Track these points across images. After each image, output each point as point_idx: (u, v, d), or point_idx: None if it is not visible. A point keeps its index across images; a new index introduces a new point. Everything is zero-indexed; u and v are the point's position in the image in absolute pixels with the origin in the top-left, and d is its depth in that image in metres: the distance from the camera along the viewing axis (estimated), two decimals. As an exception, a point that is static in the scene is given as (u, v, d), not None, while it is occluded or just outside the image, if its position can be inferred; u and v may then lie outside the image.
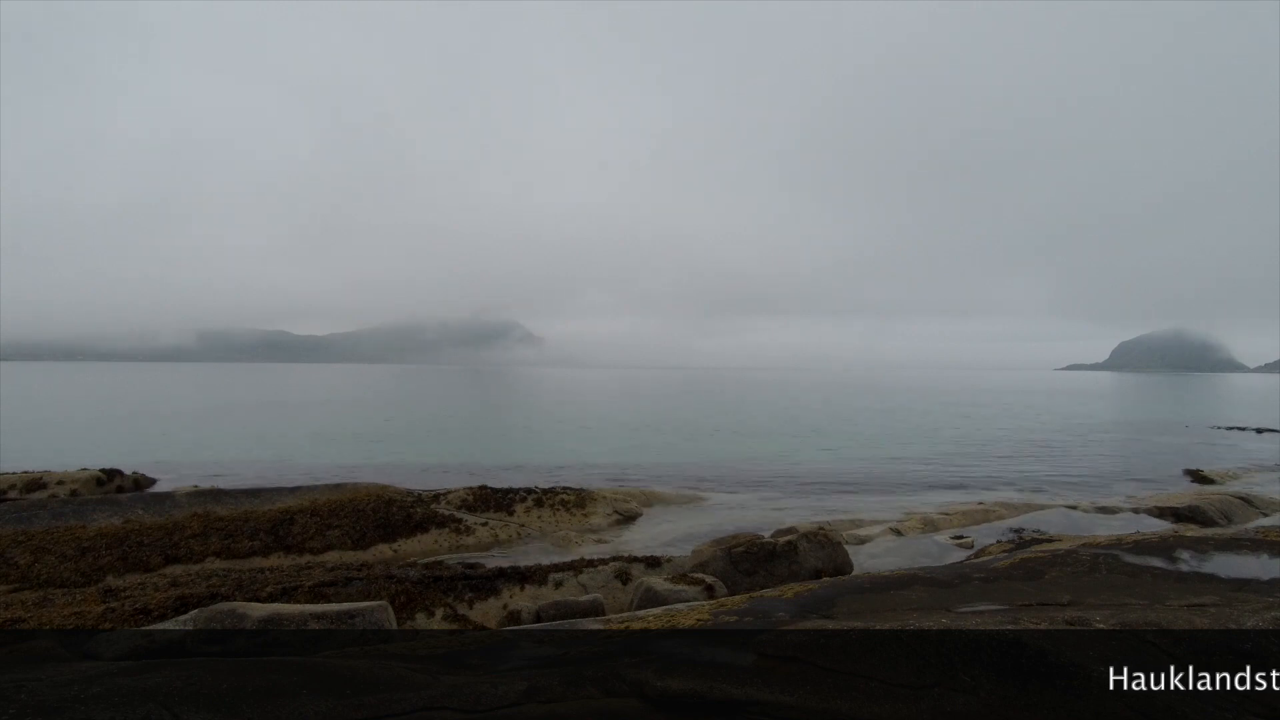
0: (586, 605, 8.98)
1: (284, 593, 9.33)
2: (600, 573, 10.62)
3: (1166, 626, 4.49)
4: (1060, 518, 16.94)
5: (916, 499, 20.36)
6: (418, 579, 10.11)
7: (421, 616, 8.95)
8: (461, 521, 15.31)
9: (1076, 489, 22.36)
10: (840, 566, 11.16)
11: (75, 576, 11.37)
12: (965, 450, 32.96)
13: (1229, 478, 23.92)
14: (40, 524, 14.04)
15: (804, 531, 11.97)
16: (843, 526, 15.59)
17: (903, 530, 15.46)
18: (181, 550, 12.72)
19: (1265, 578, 6.46)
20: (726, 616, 5.38)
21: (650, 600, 8.75)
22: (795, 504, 19.37)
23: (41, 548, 12.30)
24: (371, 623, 6.17)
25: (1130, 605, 5.32)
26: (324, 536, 13.75)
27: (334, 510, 14.91)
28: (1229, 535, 8.55)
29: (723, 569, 10.60)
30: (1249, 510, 16.97)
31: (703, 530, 15.70)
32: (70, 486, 18.01)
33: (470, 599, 9.60)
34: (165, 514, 14.99)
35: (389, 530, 14.38)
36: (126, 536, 13.04)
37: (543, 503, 16.81)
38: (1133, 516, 16.68)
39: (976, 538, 14.69)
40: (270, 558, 12.96)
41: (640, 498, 18.78)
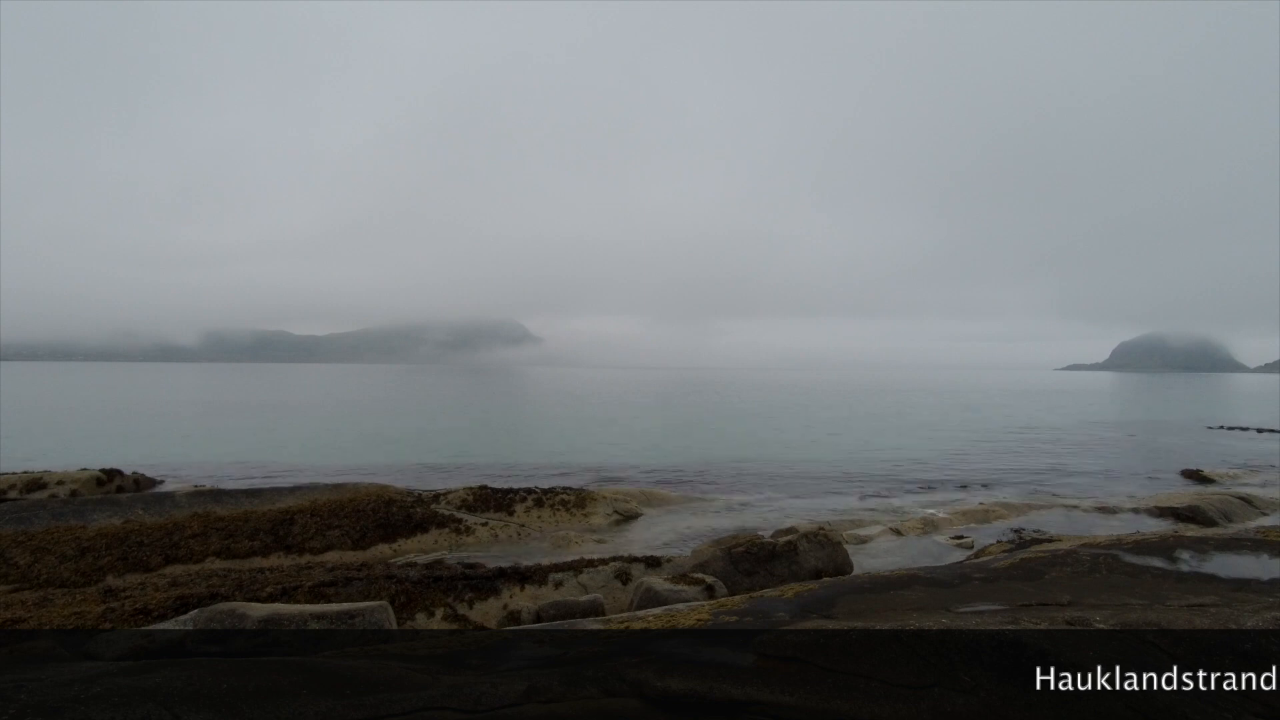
0: (586, 605, 8.98)
1: (284, 593, 9.33)
2: (600, 573, 10.62)
3: (1167, 626, 4.49)
4: (1060, 518, 16.96)
5: (916, 499, 20.37)
6: (418, 579, 10.10)
7: (421, 616, 8.95)
8: (461, 521, 15.30)
9: (1076, 489, 22.35)
10: (840, 566, 11.17)
11: (75, 576, 11.37)
12: (965, 450, 32.95)
13: (1229, 478, 23.92)
14: (40, 524, 14.03)
15: (804, 531, 11.97)
16: (843, 526, 15.60)
17: (903, 530, 15.47)
18: (181, 550, 12.72)
19: (1265, 578, 6.47)
20: (726, 616, 5.38)
21: (650, 600, 8.75)
22: (795, 504, 19.37)
23: (41, 548, 12.30)
24: (371, 623, 6.18)
25: (1130, 605, 5.32)
26: (324, 536, 13.75)
27: (334, 510, 14.91)
28: (1229, 535, 8.57)
29: (723, 569, 10.60)
30: (1249, 510, 16.99)
31: (703, 530, 15.71)
32: (70, 487, 18.01)
33: (470, 599, 9.60)
34: (165, 514, 14.99)
35: (389, 530, 14.39)
36: (126, 536, 13.03)
37: (543, 503, 16.80)
38: (1133, 516, 16.70)
39: (976, 538, 14.71)
40: (270, 558, 12.96)
41: (640, 498, 18.77)
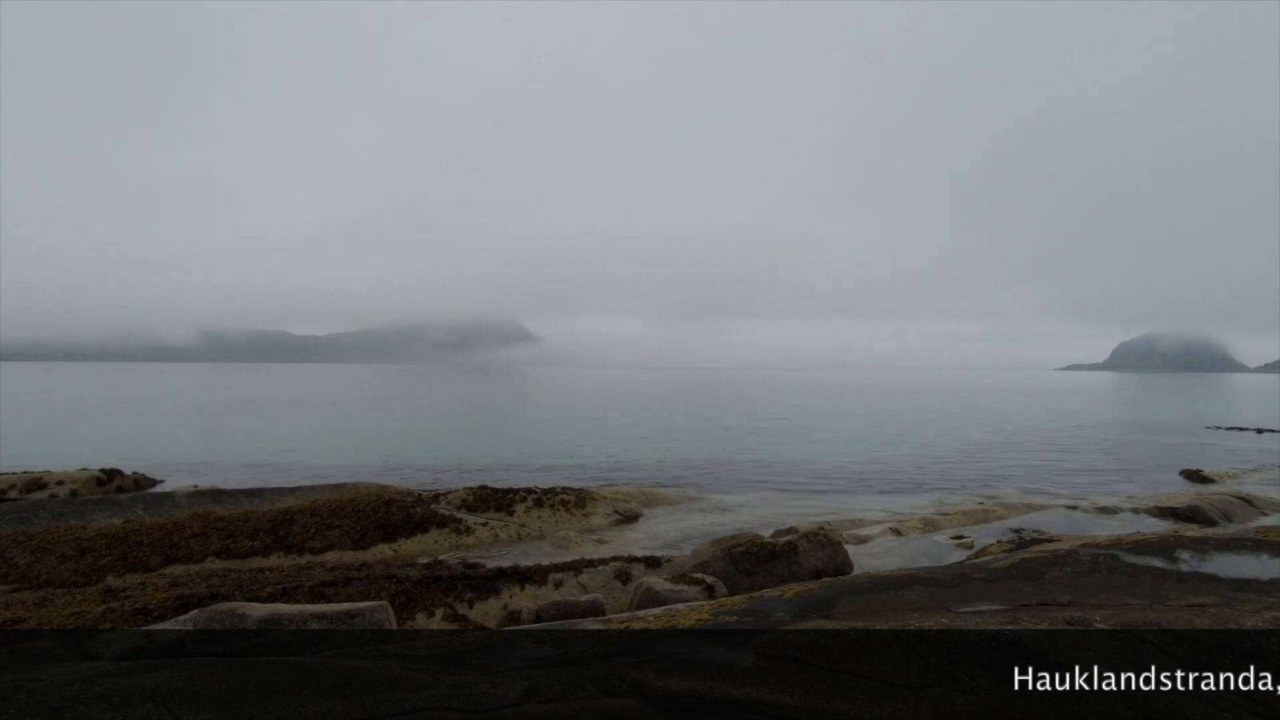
0: (586, 605, 8.98)
1: (284, 593, 9.33)
2: (600, 573, 10.62)
3: (1167, 626, 4.49)
4: (1060, 518, 16.96)
5: (916, 499, 20.35)
6: (418, 579, 10.10)
7: (421, 616, 8.95)
8: (461, 521, 15.30)
9: (1076, 489, 22.35)
10: (840, 566, 11.17)
11: (75, 576, 11.37)
12: (965, 450, 32.94)
13: (1229, 478, 23.91)
14: (40, 524, 14.03)
15: (804, 531, 11.97)
16: (843, 526, 15.59)
17: (903, 530, 15.47)
18: (181, 550, 12.72)
19: (1265, 578, 6.47)
20: (726, 616, 5.38)
21: (650, 600, 8.75)
22: (795, 504, 19.36)
23: (41, 548, 12.30)
24: (371, 623, 6.18)
25: (1130, 605, 5.32)
26: (324, 536, 13.75)
27: (334, 510, 14.90)
28: (1229, 535, 8.57)
29: (723, 569, 10.60)
30: (1249, 510, 16.98)
31: (703, 530, 15.70)
32: (70, 486, 18.01)
33: (470, 599, 9.60)
34: (165, 514, 14.99)
35: (389, 530, 14.38)
36: (126, 536, 13.03)
37: (543, 503, 16.80)
38: (1133, 517, 16.70)
39: (976, 538, 14.70)
40: (270, 558, 12.96)
41: (640, 498, 18.77)
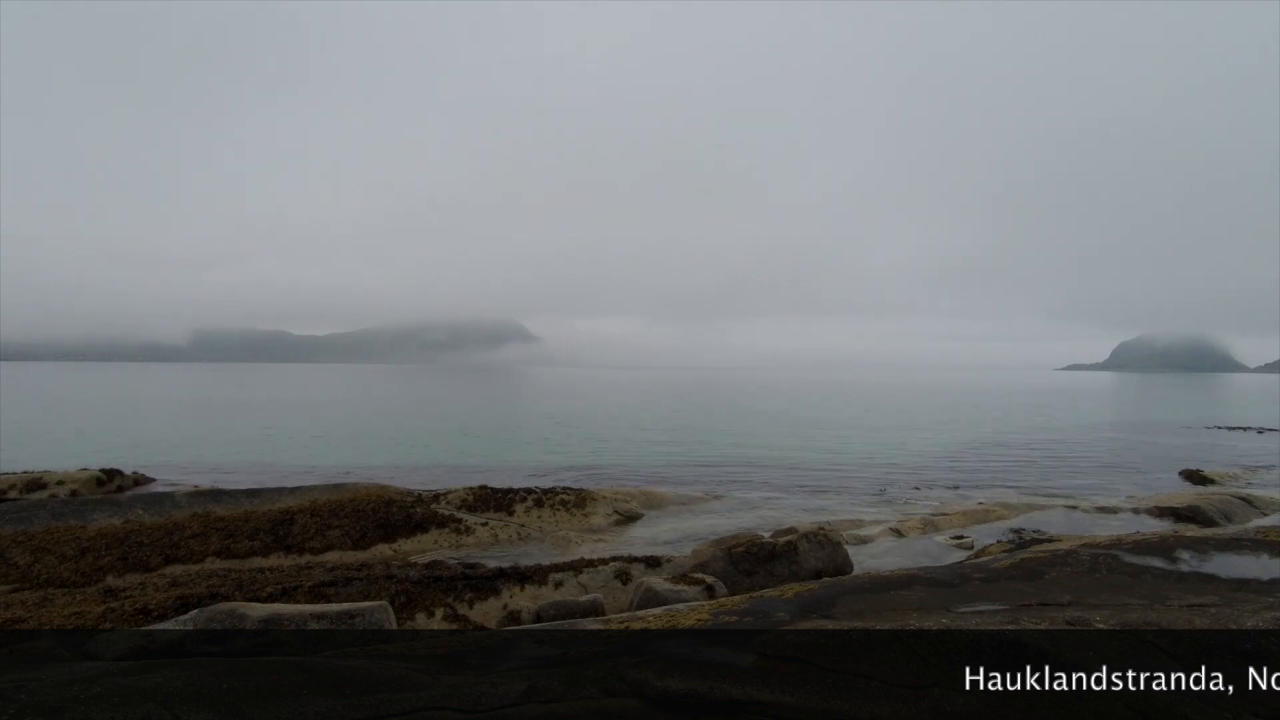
0: (586, 605, 8.97)
1: (284, 593, 9.32)
2: (600, 573, 10.61)
3: (1167, 626, 4.49)
4: (1060, 518, 16.94)
5: (916, 499, 20.36)
6: (418, 579, 10.10)
7: (421, 616, 8.95)
8: (461, 521, 15.30)
9: (1076, 489, 22.35)
10: (840, 566, 11.16)
11: (75, 576, 11.37)
12: (965, 450, 32.94)
13: (1229, 478, 23.90)
14: (40, 524, 14.03)
15: (804, 531, 11.97)
16: (843, 526, 15.59)
17: (903, 530, 15.46)
18: (181, 550, 12.72)
19: (1265, 578, 6.47)
20: (727, 616, 5.38)
21: (650, 600, 8.74)
22: (795, 504, 19.37)
23: (41, 548, 12.29)
24: (371, 623, 6.17)
25: (1130, 605, 5.32)
26: (324, 536, 13.75)
27: (334, 510, 14.90)
28: (1229, 535, 8.56)
29: (723, 569, 10.59)
30: (1249, 510, 16.97)
31: (703, 530, 15.70)
32: (70, 486, 18.00)
33: (470, 599, 9.60)
34: (165, 514, 14.98)
35: (389, 530, 14.38)
36: (126, 536, 13.03)
37: (543, 503, 16.80)
38: (1133, 517, 16.68)
39: (976, 538, 14.69)
40: (270, 558, 12.95)
41: (640, 498, 18.77)
